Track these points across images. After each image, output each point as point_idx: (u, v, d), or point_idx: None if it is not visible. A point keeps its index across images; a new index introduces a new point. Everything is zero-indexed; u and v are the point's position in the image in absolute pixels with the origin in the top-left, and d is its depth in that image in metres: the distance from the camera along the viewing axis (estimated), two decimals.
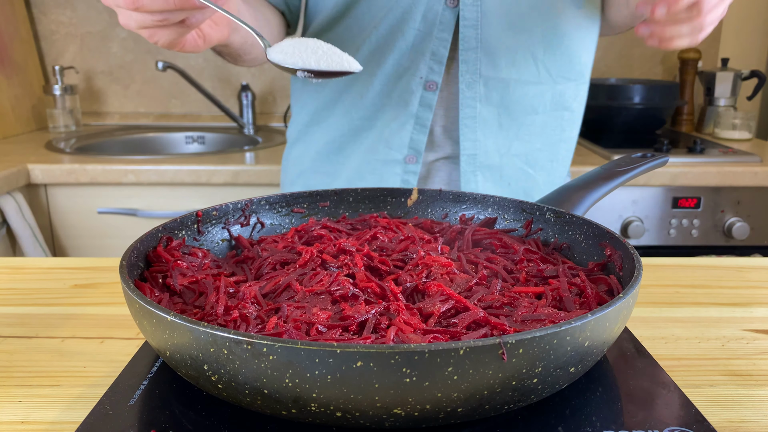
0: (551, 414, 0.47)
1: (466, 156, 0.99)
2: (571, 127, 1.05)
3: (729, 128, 2.03)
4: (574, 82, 1.01)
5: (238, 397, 0.42)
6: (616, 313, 0.45)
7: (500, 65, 0.95)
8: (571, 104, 1.03)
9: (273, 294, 0.56)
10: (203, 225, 0.69)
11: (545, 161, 1.04)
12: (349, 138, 1.02)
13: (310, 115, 1.06)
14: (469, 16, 0.92)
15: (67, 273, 0.81)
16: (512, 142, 1.00)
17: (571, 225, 0.67)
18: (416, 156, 0.99)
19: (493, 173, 1.01)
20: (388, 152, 1.00)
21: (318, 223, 0.73)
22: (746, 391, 0.55)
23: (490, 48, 0.94)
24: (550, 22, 0.95)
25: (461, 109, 0.97)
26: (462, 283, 0.57)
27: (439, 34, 0.94)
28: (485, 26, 0.93)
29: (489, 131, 0.99)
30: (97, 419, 0.46)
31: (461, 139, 0.98)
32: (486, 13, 0.92)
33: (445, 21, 0.93)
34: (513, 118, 0.99)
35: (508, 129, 1.00)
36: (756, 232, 1.71)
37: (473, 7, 0.92)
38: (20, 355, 0.60)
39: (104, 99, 2.25)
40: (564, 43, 0.97)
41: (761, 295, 0.75)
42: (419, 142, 0.99)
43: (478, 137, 0.98)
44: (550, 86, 0.99)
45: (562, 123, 1.03)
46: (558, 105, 1.01)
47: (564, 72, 0.99)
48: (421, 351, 0.38)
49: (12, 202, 1.54)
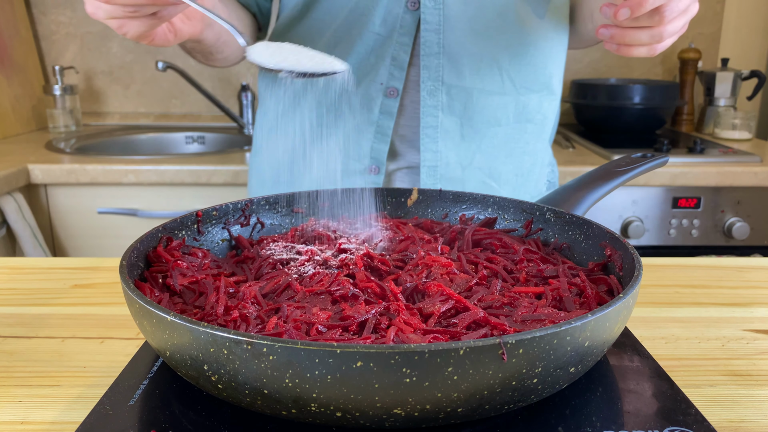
0: (551, 414, 0.47)
1: (427, 167, 0.95)
2: (535, 140, 1.01)
3: (729, 128, 2.03)
4: (537, 94, 0.98)
5: (238, 397, 0.42)
6: (616, 313, 0.45)
7: (464, 73, 0.92)
8: (534, 116, 0.99)
9: (273, 294, 0.56)
10: (203, 225, 0.69)
11: (510, 175, 1.00)
12: (309, 146, 0.99)
13: (271, 121, 1.03)
14: (430, 20, 0.89)
15: (67, 273, 0.81)
16: (474, 154, 0.97)
17: (571, 225, 0.67)
18: (378, 166, 0.96)
19: (455, 186, 0.97)
20: (349, 162, 0.97)
21: (318, 222, 0.73)
22: (746, 391, 0.55)
23: (453, 54, 0.91)
24: (515, 30, 0.92)
25: (422, 117, 0.94)
26: (462, 283, 0.57)
27: (399, 38, 0.91)
28: (448, 31, 0.90)
29: (451, 142, 0.95)
30: (97, 419, 0.46)
31: (422, 149, 0.95)
32: (448, 18, 0.89)
33: (405, 24, 0.90)
34: (475, 130, 0.96)
35: (471, 140, 0.96)
36: (756, 232, 1.71)
37: (435, 11, 0.89)
38: (20, 355, 0.60)
39: (104, 99, 2.25)
40: (529, 53, 0.95)
41: (761, 295, 0.75)
42: (380, 151, 0.95)
43: (439, 148, 0.95)
44: (513, 97, 0.96)
45: (525, 136, 0.99)
46: (521, 117, 0.98)
47: (528, 83, 0.96)
48: (421, 351, 0.38)
49: (12, 202, 1.54)
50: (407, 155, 0.98)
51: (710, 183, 1.66)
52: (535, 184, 1.05)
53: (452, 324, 0.49)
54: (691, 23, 2.26)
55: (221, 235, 0.70)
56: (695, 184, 1.66)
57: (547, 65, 0.98)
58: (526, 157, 1.01)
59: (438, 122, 0.94)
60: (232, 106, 2.21)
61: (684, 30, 0.76)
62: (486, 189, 0.99)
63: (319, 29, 0.93)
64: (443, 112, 0.94)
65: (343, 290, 0.54)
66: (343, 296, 0.53)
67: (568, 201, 0.70)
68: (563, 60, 1.02)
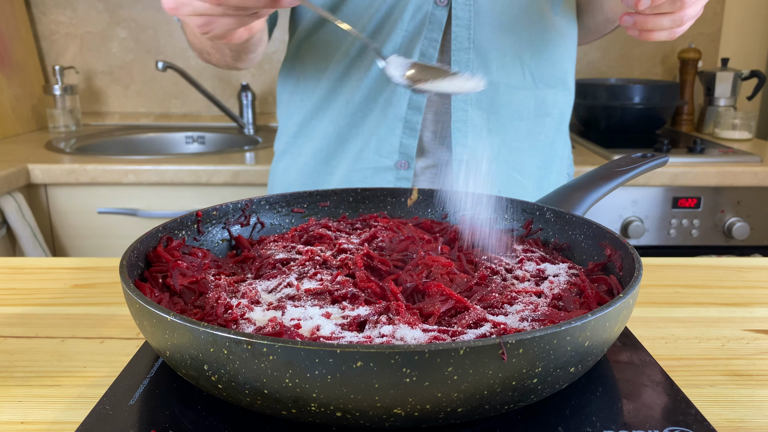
0: (551, 414, 0.47)
1: (458, 162, 0.97)
2: (554, 133, 1.04)
3: (729, 128, 2.03)
4: (553, 89, 1.00)
5: (238, 397, 0.42)
6: (616, 313, 0.45)
7: (491, 67, 0.94)
8: (552, 110, 1.01)
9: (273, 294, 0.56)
10: (203, 225, 0.69)
11: (533, 168, 1.02)
12: (336, 147, 1.00)
13: (297, 126, 1.03)
14: (461, 15, 0.91)
15: (67, 273, 0.81)
16: (500, 148, 0.99)
17: (571, 225, 0.67)
18: (408, 161, 0.97)
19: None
20: (379, 159, 0.98)
21: (318, 223, 0.73)
22: (746, 391, 0.55)
23: (482, 49, 0.93)
24: (538, 26, 0.94)
25: (453, 112, 0.95)
26: (462, 283, 0.57)
27: (428, 34, 0.92)
28: (477, 27, 0.91)
29: (478, 136, 0.97)
30: (97, 419, 0.46)
31: (453, 144, 0.96)
32: (478, 13, 0.91)
33: (435, 21, 0.91)
34: (500, 123, 0.97)
35: (496, 134, 0.98)
36: (756, 232, 1.71)
37: (466, 7, 0.90)
38: (20, 355, 0.60)
39: (104, 99, 2.25)
40: (549, 49, 0.96)
41: (761, 295, 0.75)
42: (409, 146, 0.97)
43: (469, 142, 0.97)
44: (533, 92, 0.98)
45: (545, 129, 1.02)
46: (540, 111, 1.00)
47: (546, 78, 0.98)
48: (421, 351, 0.38)
49: (12, 202, 1.54)
50: (436, 151, 0.99)
51: (710, 183, 1.66)
52: (557, 176, 1.07)
53: (452, 324, 0.49)
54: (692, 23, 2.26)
55: (221, 235, 0.70)
56: (695, 184, 1.66)
57: (563, 61, 1.00)
58: (546, 149, 1.03)
59: (467, 116, 0.95)
60: (232, 106, 2.21)
61: (700, 14, 0.79)
62: (512, 182, 1.00)
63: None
64: (472, 106, 0.95)
65: (343, 290, 0.54)
66: (343, 296, 0.53)
67: (568, 201, 0.70)
68: (575, 56, 1.04)
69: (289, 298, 0.55)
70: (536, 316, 0.50)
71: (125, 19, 2.18)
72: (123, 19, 2.18)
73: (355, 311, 0.50)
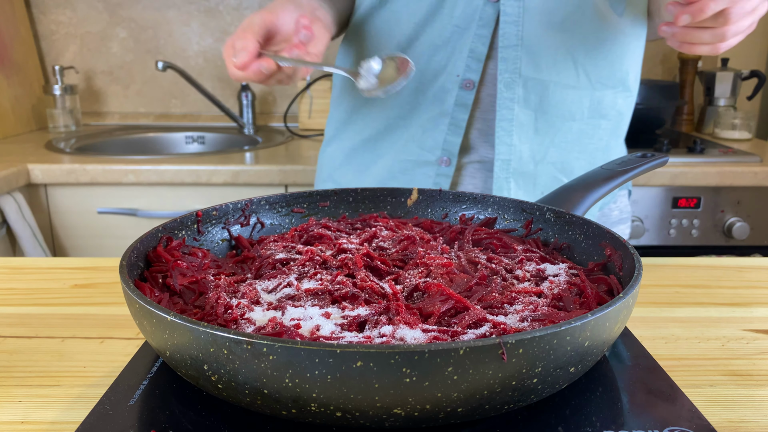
0: (551, 414, 0.47)
1: (500, 161, 0.95)
2: (609, 136, 1.01)
3: (729, 128, 2.03)
4: (612, 90, 0.97)
5: (238, 397, 0.42)
6: (616, 313, 0.45)
7: (541, 65, 0.91)
8: (609, 112, 0.98)
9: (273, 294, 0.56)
10: (203, 225, 0.69)
11: (581, 171, 0.96)
12: (383, 136, 1.00)
13: (347, 112, 1.04)
14: (510, 11, 0.89)
15: (67, 273, 0.81)
16: (548, 148, 0.96)
17: (571, 225, 0.67)
18: (450, 158, 0.96)
19: (526, 181, 0.97)
20: (421, 153, 0.97)
21: (318, 223, 0.73)
22: (746, 391, 0.55)
23: (531, 47, 0.91)
24: (592, 24, 0.91)
25: (498, 110, 0.93)
26: (462, 283, 0.57)
27: (478, 30, 0.90)
28: (527, 23, 0.89)
29: (525, 136, 0.95)
30: (97, 419, 0.46)
31: (496, 142, 0.94)
32: (528, 9, 0.89)
33: (485, 16, 0.90)
34: (550, 124, 0.95)
35: (545, 134, 0.95)
36: (756, 232, 1.71)
37: (515, 3, 0.89)
38: (20, 355, 0.60)
39: (104, 99, 2.25)
40: (606, 48, 0.93)
41: (761, 295, 0.75)
42: (453, 143, 0.95)
43: (514, 142, 0.94)
44: (588, 92, 0.95)
45: (599, 131, 0.99)
46: (595, 112, 0.97)
47: (603, 78, 0.95)
48: (421, 351, 0.38)
49: (12, 202, 1.54)
50: (480, 149, 0.98)
51: (710, 183, 1.66)
52: None
53: (452, 324, 0.49)
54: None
55: (221, 235, 0.70)
56: (695, 184, 1.66)
57: (624, 61, 0.97)
58: (599, 153, 1.00)
59: (513, 115, 0.93)
60: (232, 106, 2.21)
61: (752, 29, 0.77)
62: (557, 184, 0.97)
63: (397, 21, 0.94)
64: (519, 105, 0.93)
65: (343, 290, 0.54)
66: (343, 296, 0.53)
67: (568, 201, 0.70)
68: (641, 56, 1.01)
69: (288, 298, 0.55)
70: (536, 316, 0.50)
71: (125, 19, 2.18)
72: (123, 19, 2.18)
73: (355, 311, 0.50)
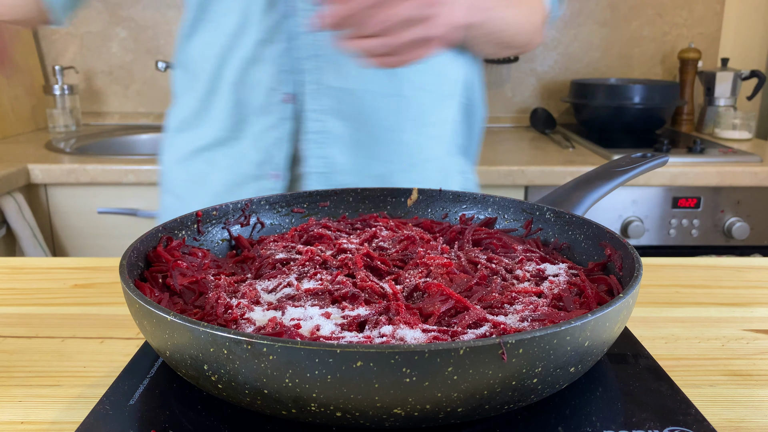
0: (551, 414, 0.47)
1: (316, 175, 0.91)
2: (438, 146, 0.96)
3: (729, 128, 2.03)
4: (438, 95, 0.93)
5: (238, 397, 0.42)
6: (616, 313, 0.45)
7: (346, 75, 0.87)
8: (434, 120, 0.94)
9: (273, 294, 0.56)
10: (203, 225, 0.69)
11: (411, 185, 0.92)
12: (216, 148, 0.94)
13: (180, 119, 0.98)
14: (305, 22, 0.85)
15: (67, 273, 0.81)
16: (370, 161, 0.92)
17: (571, 225, 0.67)
18: (278, 172, 0.92)
19: None
20: (250, 167, 0.93)
21: (318, 223, 0.73)
22: (746, 391, 0.55)
23: (331, 56, 0.86)
24: None
25: (306, 122, 0.89)
26: (462, 283, 0.57)
27: (280, 44, 0.87)
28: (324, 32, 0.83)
29: (344, 148, 0.90)
30: (97, 419, 0.46)
31: (308, 155, 0.90)
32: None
33: (285, 29, 0.86)
34: (371, 135, 0.90)
35: (367, 147, 0.91)
36: (756, 232, 1.71)
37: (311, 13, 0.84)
38: (20, 355, 0.60)
39: (104, 99, 2.25)
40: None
41: (761, 295, 0.75)
42: (278, 157, 0.91)
43: (329, 154, 0.90)
44: (410, 100, 0.90)
45: (428, 140, 0.94)
46: (420, 121, 0.92)
47: (426, 84, 0.91)
48: (421, 351, 0.38)
49: (12, 202, 1.54)
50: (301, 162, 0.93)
51: (710, 183, 1.66)
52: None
53: (452, 324, 0.49)
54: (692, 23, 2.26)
55: (221, 235, 0.70)
56: (695, 184, 1.66)
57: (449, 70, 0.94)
58: (429, 164, 0.96)
59: (326, 127, 0.90)
60: None
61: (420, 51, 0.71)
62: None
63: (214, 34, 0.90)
64: (332, 116, 0.89)
65: (343, 290, 0.54)
66: (343, 296, 0.53)
67: (568, 201, 0.70)
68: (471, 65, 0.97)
69: (288, 298, 0.55)
70: (536, 316, 0.50)
71: (125, 19, 2.18)
72: (123, 19, 2.18)
73: (355, 311, 0.50)
